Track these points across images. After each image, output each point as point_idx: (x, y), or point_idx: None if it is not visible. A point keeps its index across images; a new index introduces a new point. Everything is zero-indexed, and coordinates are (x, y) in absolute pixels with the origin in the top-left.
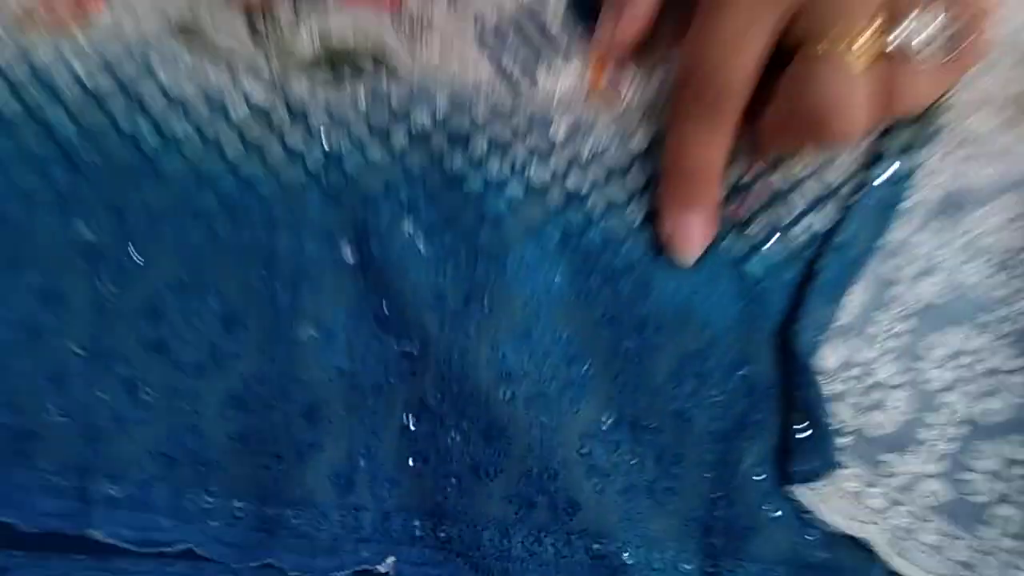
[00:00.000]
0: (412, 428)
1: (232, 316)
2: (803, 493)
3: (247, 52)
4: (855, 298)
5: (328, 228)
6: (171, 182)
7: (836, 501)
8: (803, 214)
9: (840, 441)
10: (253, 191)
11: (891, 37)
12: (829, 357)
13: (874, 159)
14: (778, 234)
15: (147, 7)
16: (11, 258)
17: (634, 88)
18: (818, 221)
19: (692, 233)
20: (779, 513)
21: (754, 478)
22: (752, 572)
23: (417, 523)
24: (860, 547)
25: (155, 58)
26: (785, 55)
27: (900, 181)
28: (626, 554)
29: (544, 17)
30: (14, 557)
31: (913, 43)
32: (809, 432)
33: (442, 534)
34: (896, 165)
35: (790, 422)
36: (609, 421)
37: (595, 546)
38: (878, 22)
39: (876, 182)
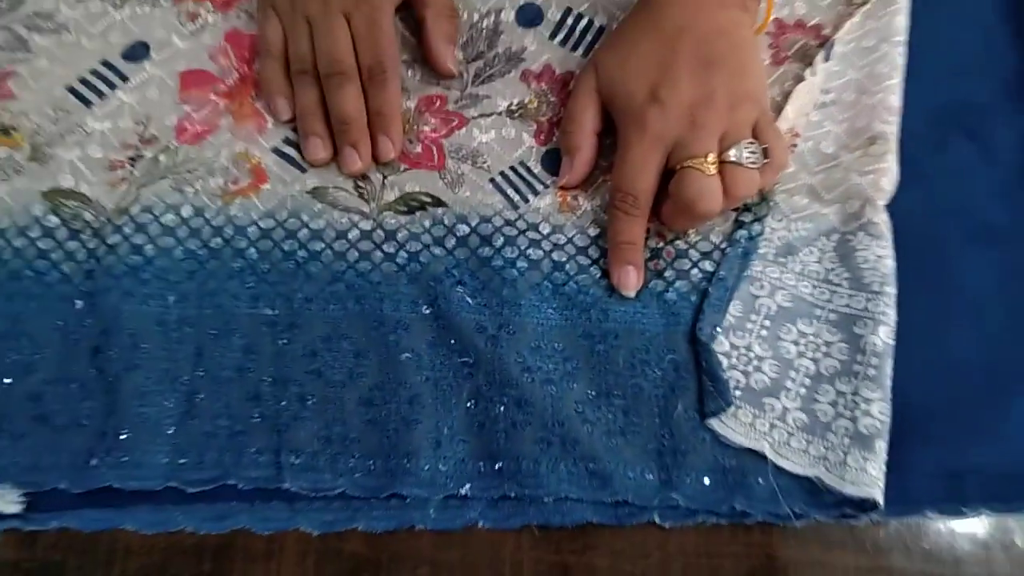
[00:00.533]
0: (472, 407)
1: (359, 351)
2: (718, 424)
3: (355, 201)
4: (734, 308)
5: (413, 297)
6: (315, 279)
7: (738, 428)
8: (697, 263)
9: (735, 392)
10: (366, 279)
11: (728, 154)
12: (723, 343)
13: (737, 226)
14: (683, 276)
15: (291, 180)
16: (224, 330)
17: (585, 202)
18: (708, 265)
19: (630, 280)
20: (704, 439)
21: (685, 419)
22: (690, 477)
23: (481, 463)
24: (757, 454)
25: (299, 208)
26: (669, 172)
27: (754, 237)
28: (612, 470)
29: (529, 166)
30: (232, 504)
31: (740, 157)
32: (712, 387)
33: (497, 467)
34: (751, 228)
35: (702, 383)
36: (592, 393)
37: (591, 465)
38: (719, 147)
39: (740, 239)
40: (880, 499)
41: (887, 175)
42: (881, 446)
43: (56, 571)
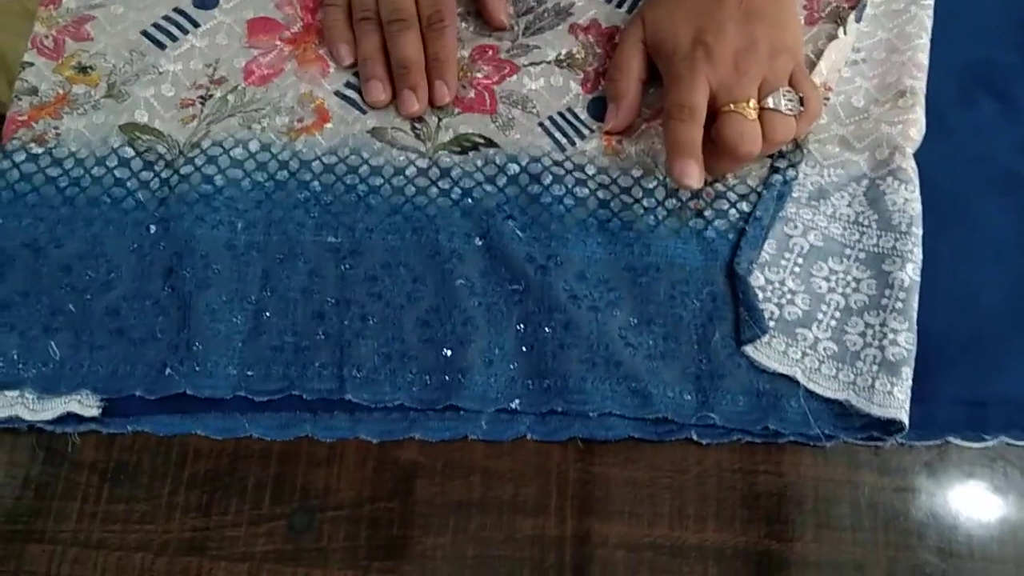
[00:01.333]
0: (522, 330)
1: (417, 277)
2: (752, 351)
3: (412, 141)
4: (769, 246)
5: (466, 230)
6: (375, 211)
7: (772, 355)
8: (734, 203)
9: (770, 322)
10: (423, 212)
11: (768, 100)
12: (759, 278)
13: (772, 172)
14: (721, 216)
15: (353, 120)
16: (289, 255)
17: (629, 146)
18: (745, 206)
19: (692, 170)
20: (740, 364)
21: (722, 346)
22: (726, 399)
23: (530, 381)
24: (790, 379)
25: (360, 146)
26: (713, 116)
27: (789, 182)
28: (653, 390)
29: (576, 112)
30: (296, 414)
31: (779, 104)
32: (748, 317)
33: (545, 384)
34: (786, 173)
35: (739, 314)
36: (635, 321)
37: (633, 384)
38: (758, 94)
39: (775, 183)
40: (906, 420)
41: (915, 125)
42: (907, 372)
43: (131, 471)
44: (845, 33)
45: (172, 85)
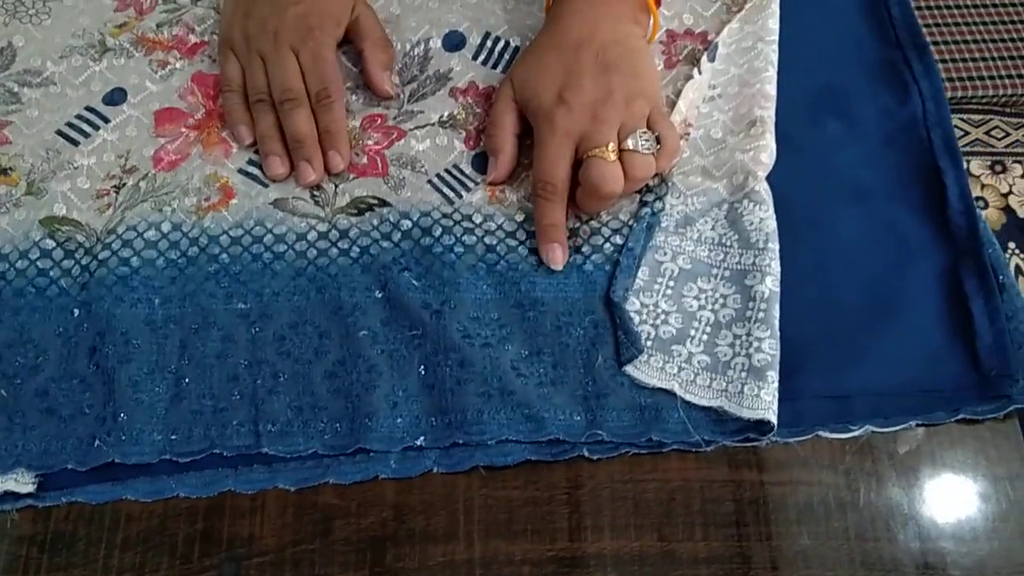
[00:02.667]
0: (423, 372)
1: (323, 333)
2: (633, 369)
3: (312, 208)
4: (642, 273)
5: (367, 284)
6: (281, 275)
7: (650, 372)
8: (608, 238)
9: (647, 342)
10: (325, 272)
11: (627, 143)
12: (634, 303)
13: (641, 206)
14: (598, 250)
15: (256, 194)
16: (204, 324)
17: (511, 194)
18: (619, 239)
19: (557, 255)
20: (622, 383)
21: (605, 368)
22: (612, 416)
23: (433, 418)
24: (669, 393)
25: (264, 217)
26: (579, 163)
27: (656, 213)
28: (545, 414)
29: (461, 167)
30: (219, 471)
31: (637, 145)
32: (626, 339)
33: (447, 420)
34: (654, 206)
35: (618, 337)
36: (525, 352)
37: (526, 411)
38: (618, 138)
39: (644, 215)
40: (774, 420)
41: (765, 151)
42: (772, 375)
43: (68, 540)
44: (700, 73)
45: (87, 178)
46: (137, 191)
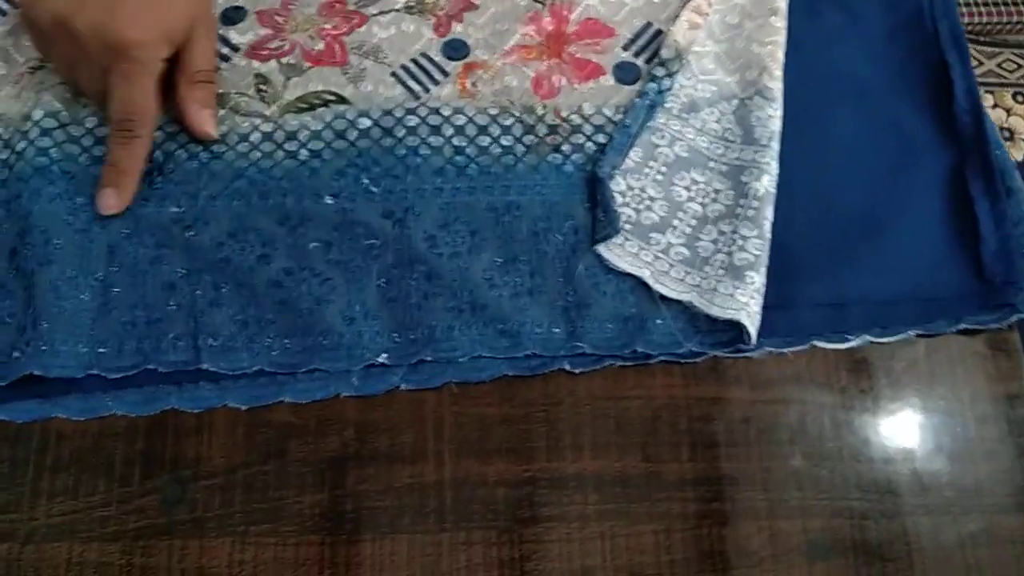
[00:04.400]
0: (384, 284)
1: (266, 241)
2: (604, 250)
3: (257, 105)
4: (634, 154)
5: (315, 189)
6: (219, 176)
7: (623, 256)
8: (591, 136)
9: (626, 225)
10: (268, 175)
11: None
12: (620, 183)
13: (649, 79)
14: (578, 150)
15: None
16: (134, 230)
17: (483, 87)
18: (601, 138)
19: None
20: (605, 292)
21: (587, 276)
22: (594, 327)
23: (396, 335)
24: (653, 302)
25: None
26: None
27: (663, 92)
28: (521, 328)
29: (431, 55)
30: (160, 388)
31: None
32: (603, 217)
33: (411, 337)
34: (662, 83)
35: (595, 214)
36: (499, 260)
37: (500, 326)
38: None
39: (649, 91)
40: (747, 322)
41: (782, 47)
42: (752, 276)
43: None
44: None
45: (3, 62)
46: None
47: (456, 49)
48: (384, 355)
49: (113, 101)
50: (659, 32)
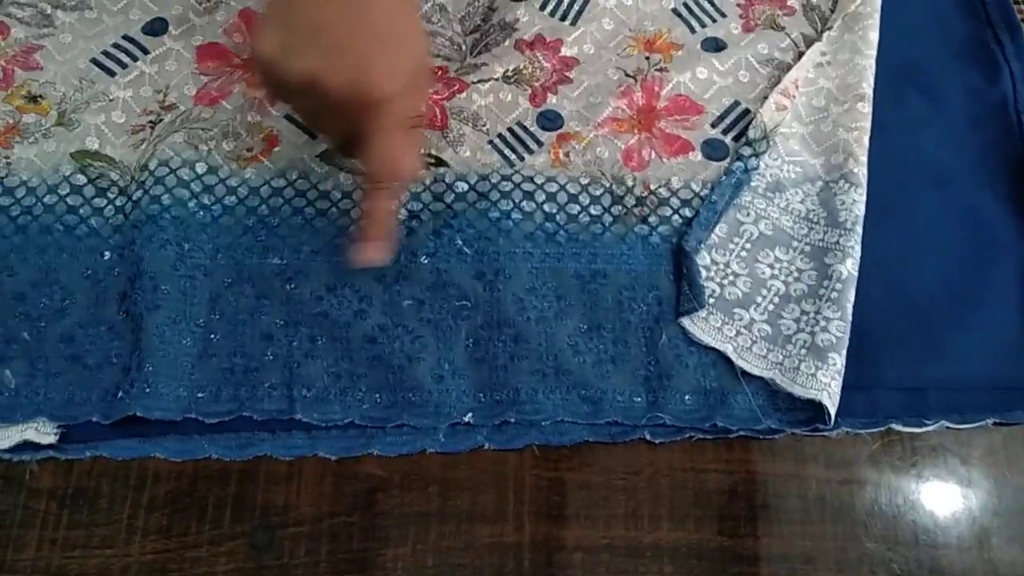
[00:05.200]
0: (471, 345)
1: (363, 297)
2: (689, 323)
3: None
4: (720, 230)
5: (412, 248)
6: (322, 233)
7: (707, 329)
8: (677, 210)
9: (710, 300)
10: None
11: None
12: (705, 258)
13: (737, 158)
14: (665, 222)
15: (302, 144)
16: (237, 279)
17: (575, 157)
18: (688, 212)
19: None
20: (687, 364)
21: (669, 348)
22: (675, 398)
23: (481, 395)
24: (736, 378)
25: (308, 170)
26: None
27: (750, 171)
28: (603, 395)
29: (526, 124)
30: (255, 434)
31: None
32: (689, 291)
33: (496, 397)
34: (749, 162)
35: (680, 287)
36: (584, 327)
37: (583, 392)
38: None
39: (736, 170)
40: (827, 402)
41: (867, 132)
42: (835, 358)
43: (90, 496)
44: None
45: (123, 112)
46: (173, 126)
47: (551, 120)
48: (470, 414)
49: (372, 157)
50: (746, 111)
